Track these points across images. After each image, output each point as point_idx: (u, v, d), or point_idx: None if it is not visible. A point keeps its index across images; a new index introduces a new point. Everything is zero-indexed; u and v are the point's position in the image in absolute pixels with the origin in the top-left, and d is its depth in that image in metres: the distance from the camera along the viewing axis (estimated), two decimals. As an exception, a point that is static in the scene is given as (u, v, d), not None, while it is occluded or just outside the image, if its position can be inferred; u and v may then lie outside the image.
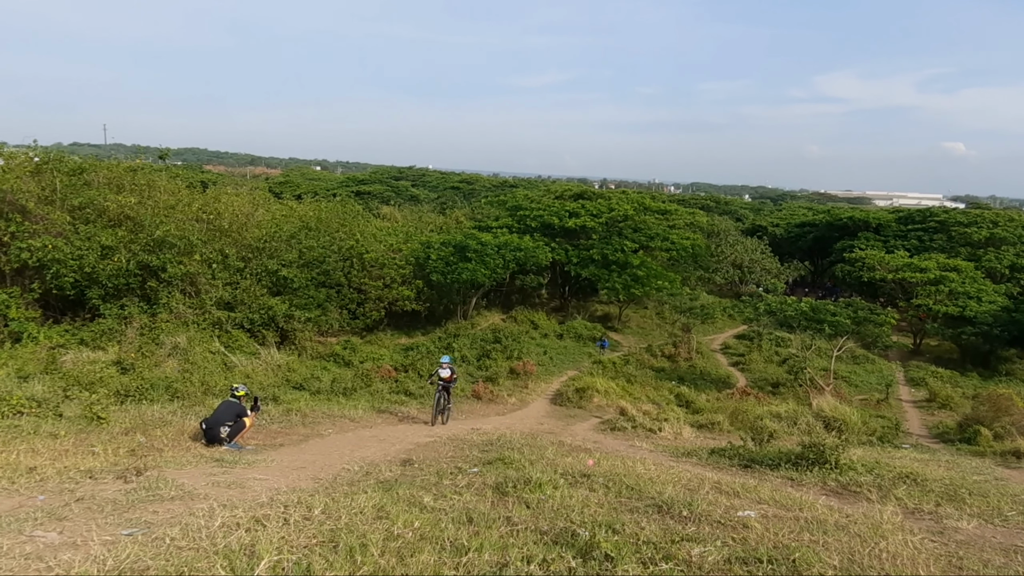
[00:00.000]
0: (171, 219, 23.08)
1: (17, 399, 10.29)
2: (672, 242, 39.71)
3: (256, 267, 25.45)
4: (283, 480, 6.85)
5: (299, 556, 3.37)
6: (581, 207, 39.48)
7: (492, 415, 19.42)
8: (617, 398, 22.64)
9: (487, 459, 8.27)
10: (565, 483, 6.29)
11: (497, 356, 27.65)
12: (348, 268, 28.65)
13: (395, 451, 9.95)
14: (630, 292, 36.40)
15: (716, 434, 16.71)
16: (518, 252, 33.10)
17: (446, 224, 43.39)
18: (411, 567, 3.23)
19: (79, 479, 5.96)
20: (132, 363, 17.24)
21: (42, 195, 21.33)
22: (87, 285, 21.28)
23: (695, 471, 8.59)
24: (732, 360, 34.67)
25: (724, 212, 74.84)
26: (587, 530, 4.12)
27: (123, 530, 4.23)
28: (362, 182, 79.67)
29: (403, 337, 31.22)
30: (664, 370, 30.12)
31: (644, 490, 6.27)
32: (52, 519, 4.48)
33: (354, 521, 4.32)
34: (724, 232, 56.50)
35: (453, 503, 5.26)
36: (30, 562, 3.35)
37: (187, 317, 22.08)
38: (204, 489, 5.93)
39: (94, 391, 11.98)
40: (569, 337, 34.39)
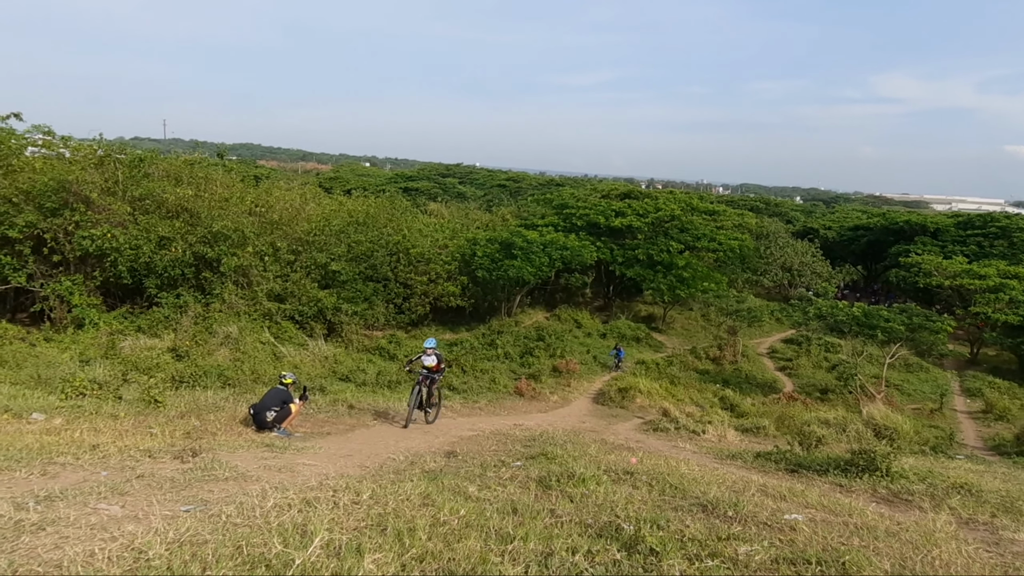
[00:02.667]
0: (226, 212, 23.78)
1: (80, 381, 10.77)
2: (719, 243, 39.08)
3: (306, 260, 26.04)
4: (331, 466, 7.03)
5: (349, 537, 3.47)
6: (627, 206, 39.18)
7: (534, 412, 19.47)
8: (660, 399, 22.44)
9: (530, 454, 8.33)
10: (608, 479, 6.29)
11: (540, 354, 27.71)
12: (395, 263, 29.07)
13: (439, 443, 10.09)
14: (675, 293, 35.99)
15: (761, 438, 16.41)
16: (563, 251, 33.07)
17: (492, 221, 43.57)
18: (458, 552, 3.29)
19: (139, 457, 6.23)
20: (187, 350, 17.84)
21: (105, 186, 22.21)
22: (144, 274, 22.10)
23: (740, 473, 8.48)
24: (779, 364, 33.94)
25: (774, 214, 73.18)
26: (631, 524, 4.13)
27: (182, 506, 4.42)
28: (410, 178, 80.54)
29: (447, 333, 31.51)
30: (708, 372, 29.71)
31: (688, 489, 6.23)
32: (115, 493, 4.70)
33: (401, 507, 4.41)
34: (773, 234, 55.30)
35: (497, 494, 5.32)
36: (95, 532, 3.52)
37: (239, 308, 22.75)
38: (256, 472, 6.13)
39: (151, 376, 12.42)
40: (612, 337, 34.18)
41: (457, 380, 21.56)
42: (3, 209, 20.17)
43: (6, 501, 3.94)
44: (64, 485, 4.72)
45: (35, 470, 5.08)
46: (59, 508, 3.95)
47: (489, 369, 24.20)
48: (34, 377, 11.54)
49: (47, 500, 4.16)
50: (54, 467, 5.29)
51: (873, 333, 29.18)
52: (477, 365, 24.40)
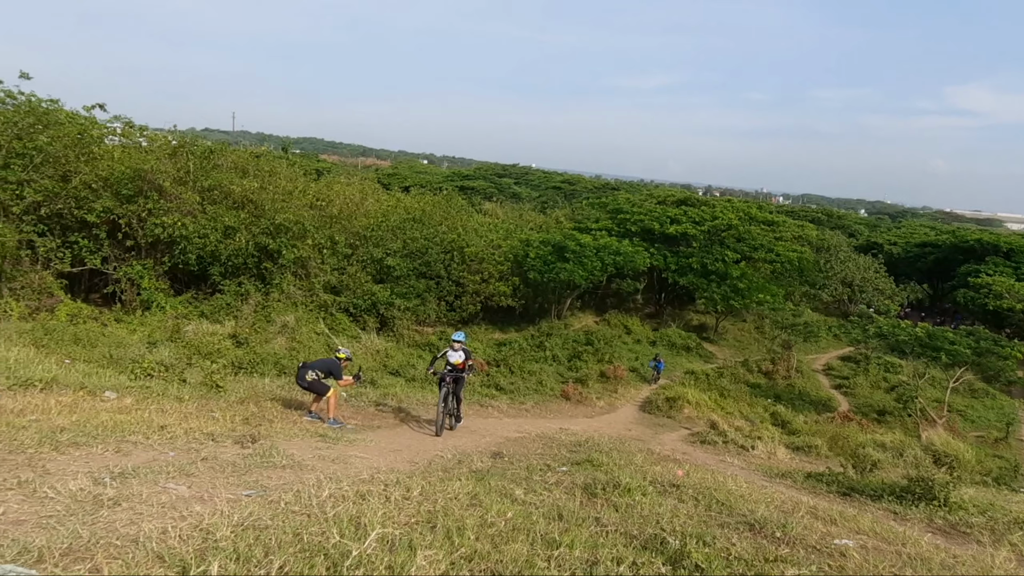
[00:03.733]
0: (289, 205, 24.49)
1: (148, 363, 11.31)
2: (777, 255, 38.19)
3: (362, 254, 26.61)
4: (381, 460, 7.22)
5: (401, 532, 3.59)
6: (683, 213, 38.68)
7: (580, 417, 19.45)
8: (709, 411, 22.11)
9: (576, 459, 8.36)
10: (654, 491, 6.29)
11: (588, 358, 27.62)
12: (449, 261, 29.42)
13: (485, 443, 10.21)
14: (729, 304, 35.34)
15: (813, 458, 16.02)
16: (616, 256, 32.88)
17: (546, 223, 43.62)
18: (505, 554, 3.37)
19: (203, 440, 6.53)
20: (246, 338, 18.47)
21: (177, 176, 23.11)
22: (210, 262, 22.95)
23: (789, 493, 8.33)
24: (835, 383, 32.99)
25: (836, 226, 71.03)
26: (677, 539, 4.14)
27: (243, 491, 4.64)
28: (466, 177, 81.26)
29: (497, 332, 31.70)
30: (760, 386, 29.08)
31: (735, 506, 6.17)
32: (182, 474, 4.95)
33: (450, 505, 4.52)
34: (835, 247, 53.66)
35: (543, 498, 5.39)
36: (166, 510, 3.73)
37: (297, 298, 23.42)
38: (311, 461, 6.35)
39: (213, 361, 12.92)
40: (662, 345, 33.80)
41: (504, 380, 21.71)
42: (83, 194, 21.23)
43: (85, 475, 4.21)
44: (136, 463, 5.00)
45: (110, 447, 5.39)
46: (132, 485, 4.20)
47: (537, 371, 24.25)
48: (106, 356, 12.15)
49: (121, 477, 4.42)
50: (126, 445, 5.60)
51: (937, 355, 27.96)
52: (525, 366, 24.49)
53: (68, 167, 21.60)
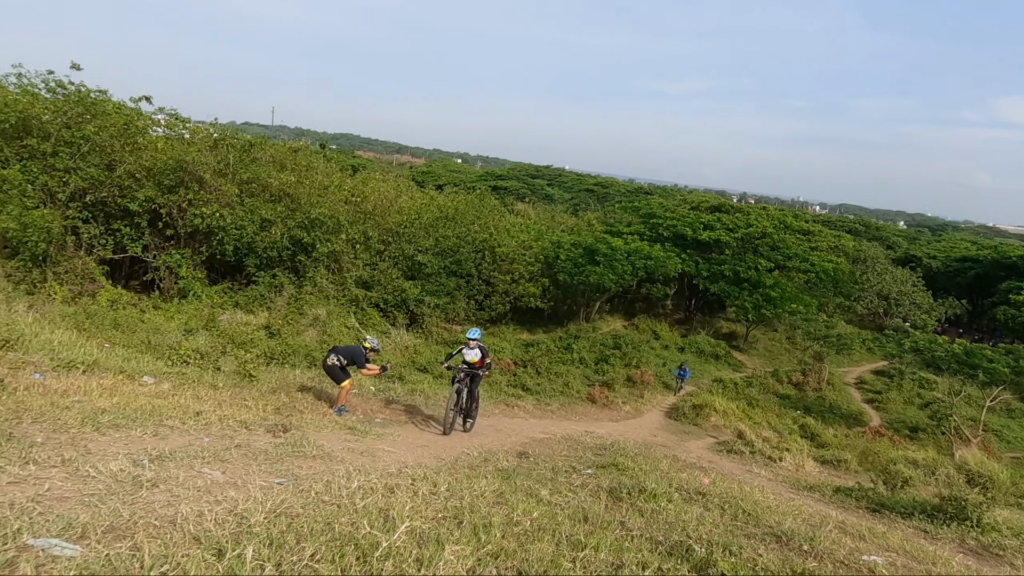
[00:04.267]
0: (324, 200, 24.83)
1: (184, 350, 11.57)
2: (812, 264, 37.55)
3: (395, 251, 26.86)
4: (408, 455, 7.30)
5: (428, 526, 3.63)
6: (717, 220, 38.29)
7: (605, 420, 19.39)
8: (736, 420, 21.87)
9: (601, 463, 8.35)
10: (680, 498, 6.25)
11: (615, 362, 27.50)
12: (479, 260, 29.54)
13: (511, 442, 10.25)
14: (760, 312, 34.85)
15: (842, 472, 15.74)
16: (647, 260, 32.68)
17: (577, 225, 43.55)
18: (531, 553, 3.39)
19: (236, 428, 6.67)
20: (279, 329, 18.77)
21: (217, 168, 23.58)
22: (246, 253, 23.38)
23: (817, 507, 8.21)
24: (867, 396, 32.34)
25: (874, 238, 69.64)
26: (703, 547, 4.12)
27: (276, 478, 4.73)
28: (500, 177, 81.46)
29: (525, 333, 31.74)
30: (789, 397, 28.65)
31: (762, 517, 6.11)
32: (216, 460, 5.07)
33: (476, 502, 4.56)
34: (872, 259, 52.64)
35: (568, 500, 5.39)
36: (202, 494, 3.83)
37: (329, 292, 23.74)
38: (340, 453, 6.45)
39: (247, 350, 13.16)
40: (691, 351, 33.50)
41: (531, 381, 21.72)
42: (127, 183, 21.78)
43: (125, 457, 4.34)
44: (173, 447, 5.14)
45: (148, 430, 5.54)
46: (170, 468, 4.31)
47: (563, 373, 24.22)
48: (145, 342, 12.46)
49: (159, 459, 4.55)
50: (164, 429, 5.75)
51: (974, 373, 27.30)
52: (552, 368, 24.47)
53: (113, 156, 22.18)
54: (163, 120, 25.76)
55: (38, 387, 6.01)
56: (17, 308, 12.72)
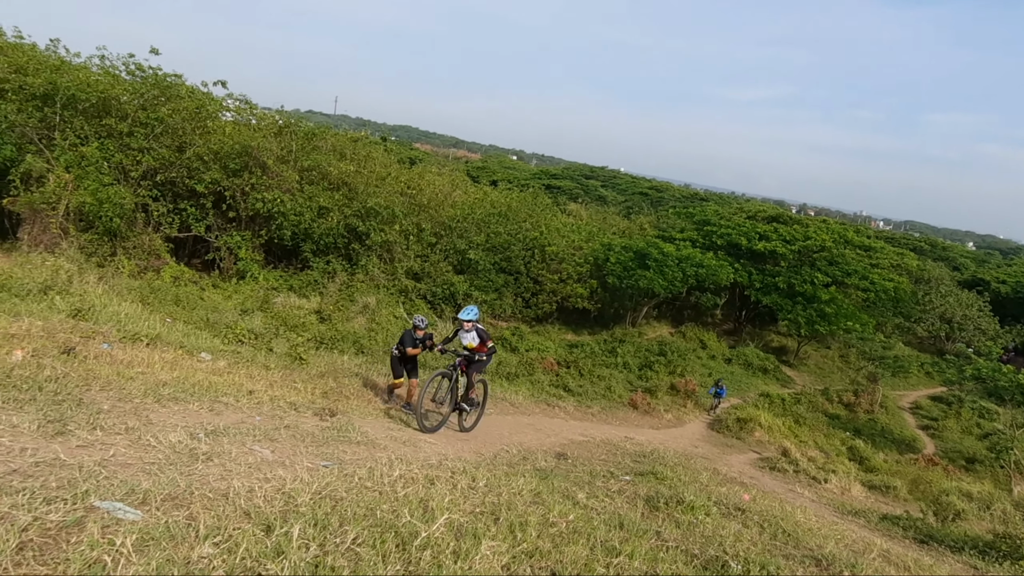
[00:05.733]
0: (381, 190, 25.28)
1: (240, 329, 11.97)
2: (871, 282, 36.34)
3: (446, 244, 27.14)
4: (449, 447, 7.41)
5: (466, 520, 3.71)
6: (774, 230, 37.42)
7: (646, 427, 19.23)
8: (781, 437, 21.40)
9: (639, 470, 8.31)
10: (718, 512, 6.19)
11: (660, 369, 27.24)
12: (529, 258, 29.61)
13: (550, 443, 10.29)
14: (813, 328, 33.92)
15: (890, 499, 15.26)
16: (699, 268, 32.21)
17: (629, 229, 43.18)
18: (565, 555, 3.43)
19: (286, 409, 6.90)
20: (330, 314, 19.21)
21: (280, 154, 24.25)
22: (302, 239, 23.98)
23: (861, 533, 8.00)
24: (921, 423, 31.22)
25: (939, 258, 66.99)
26: (739, 564, 4.08)
27: (321, 461, 4.88)
28: (553, 176, 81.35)
29: (570, 333, 31.68)
30: (839, 418, 27.86)
31: (802, 539, 6.00)
32: (266, 439, 5.26)
33: (513, 500, 4.61)
34: (936, 280, 50.66)
35: (605, 505, 5.41)
36: (252, 471, 3.99)
37: (379, 281, 24.16)
38: (383, 441, 6.60)
39: (298, 333, 13.51)
40: (738, 363, 32.89)
41: (574, 382, 21.69)
42: (195, 165, 22.59)
43: (183, 430, 4.55)
44: (227, 423, 5.35)
45: (204, 405, 5.79)
46: (223, 443, 4.50)
47: (606, 376, 24.10)
48: (203, 320, 12.93)
49: (213, 434, 4.75)
50: (219, 405, 6.00)
51: (1040, 406, 26.01)
52: (595, 370, 24.38)
53: (184, 139, 23.02)
54: (232, 105, 26.62)
55: (105, 356, 6.33)
56: (88, 279, 13.33)
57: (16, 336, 5.80)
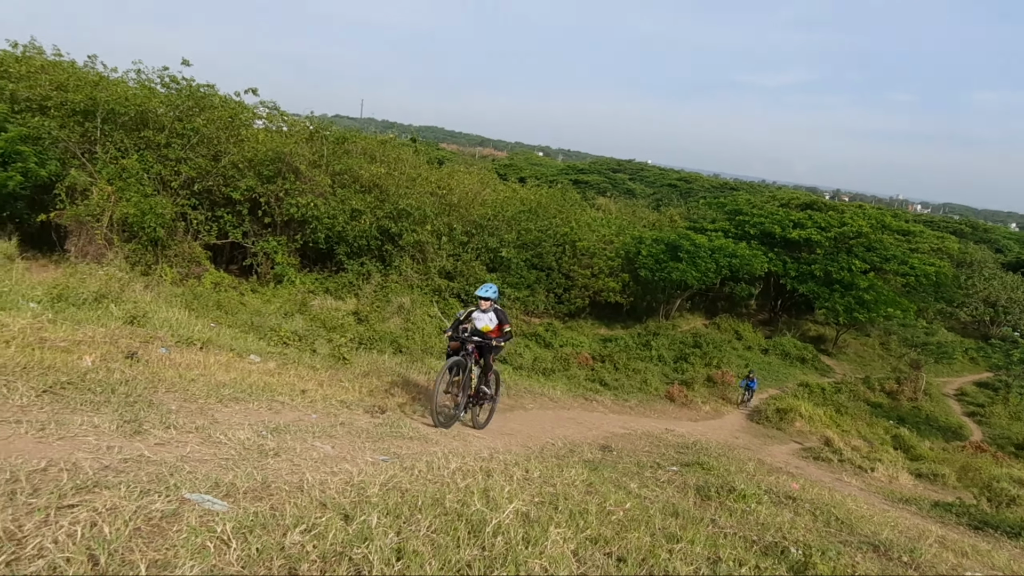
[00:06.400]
0: (412, 191, 25.54)
1: (284, 332, 12.23)
2: (911, 267, 35.58)
3: (477, 243, 27.30)
4: (496, 441, 7.51)
5: (528, 509, 3.79)
6: (808, 218, 36.87)
7: (684, 420, 19.14)
8: (823, 426, 21.13)
9: (684, 460, 8.31)
10: (769, 500, 6.19)
11: (695, 361, 27.09)
12: (560, 254, 29.64)
13: (592, 435, 10.33)
14: (852, 316, 33.36)
15: (939, 487, 14.99)
16: (732, 258, 31.89)
17: (659, 221, 42.93)
18: (628, 541, 3.49)
19: (338, 407, 7.06)
20: (367, 315, 19.48)
21: (312, 159, 24.65)
22: (336, 242, 24.34)
23: (914, 520, 7.90)
24: (967, 409, 30.54)
25: (982, 240, 65.29)
26: (799, 549, 4.10)
27: (380, 456, 5.01)
28: (581, 171, 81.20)
29: (603, 328, 31.63)
30: (882, 406, 27.41)
31: (856, 526, 5.96)
32: (325, 435, 5.41)
33: (568, 490, 4.68)
34: (979, 263, 49.44)
35: (657, 494, 5.45)
36: (319, 465, 4.12)
37: (413, 281, 24.41)
38: (434, 436, 6.72)
39: (340, 334, 13.75)
40: (775, 354, 32.54)
41: (609, 376, 21.70)
42: (231, 173, 23.07)
43: (248, 428, 4.71)
44: (286, 421, 5.52)
45: (263, 405, 5.96)
46: (287, 440, 4.65)
47: (641, 369, 24.04)
48: (247, 323, 13.23)
49: (276, 432, 4.91)
50: (276, 404, 6.17)
51: (1092, 390, 25.31)
52: (630, 364, 24.33)
53: (219, 147, 23.52)
54: (263, 113, 27.09)
55: (165, 360, 6.56)
56: (135, 288, 13.73)
57: (82, 342, 6.05)
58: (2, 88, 20.93)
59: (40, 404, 4.07)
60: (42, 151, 20.27)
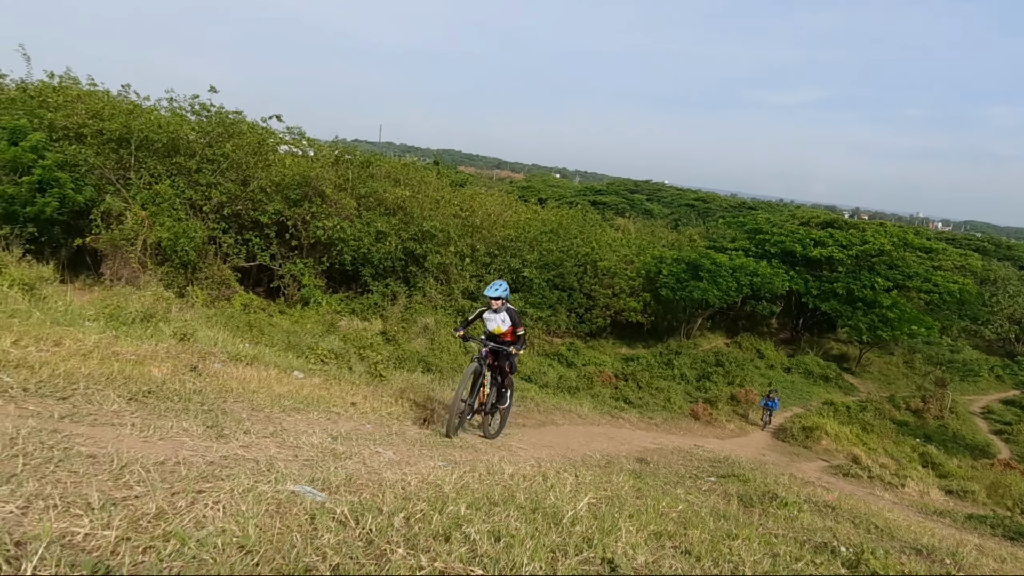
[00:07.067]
0: (436, 213, 25.95)
1: (321, 350, 12.53)
2: (934, 284, 35.34)
3: (500, 263, 27.60)
4: (539, 453, 7.70)
5: (597, 503, 3.99)
6: (829, 236, 36.83)
7: (710, 437, 19.15)
8: (849, 444, 21.04)
9: (720, 473, 8.45)
10: (809, 509, 6.32)
11: (718, 379, 27.07)
12: (581, 274, 29.86)
13: (626, 449, 10.48)
14: (876, 334, 33.15)
15: (969, 503, 14.86)
16: (753, 277, 31.93)
17: (679, 241, 43.06)
18: (690, 537, 3.68)
19: (388, 418, 7.31)
20: (395, 335, 19.78)
21: (338, 183, 25.16)
22: (362, 263, 24.75)
23: (950, 531, 7.98)
24: (995, 427, 30.15)
25: (1005, 257, 64.63)
26: (849, 548, 4.26)
27: (438, 461, 5.24)
28: (599, 192, 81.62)
29: (624, 347, 31.71)
30: (908, 425, 27.17)
31: (896, 534, 6.09)
32: (383, 443, 5.65)
33: (621, 493, 4.88)
34: (1003, 280, 48.94)
35: (703, 501, 5.62)
36: (389, 467, 4.36)
37: (437, 301, 24.72)
38: (481, 445, 6.95)
39: (377, 352, 14.04)
40: (797, 372, 32.38)
41: (633, 395, 21.82)
42: (259, 197, 23.63)
43: (317, 435, 4.97)
44: (345, 429, 5.77)
45: (321, 415, 6.23)
46: (352, 446, 4.90)
47: (664, 388, 24.11)
48: (284, 342, 13.56)
49: (341, 438, 5.16)
50: (332, 415, 6.44)
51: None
52: (653, 382, 24.42)
53: (247, 172, 24.11)
54: (289, 139, 27.73)
55: (223, 374, 6.85)
56: (170, 309, 14.13)
57: (148, 356, 6.36)
58: (41, 117, 21.64)
59: (131, 410, 4.36)
60: (79, 177, 20.93)
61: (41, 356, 5.14)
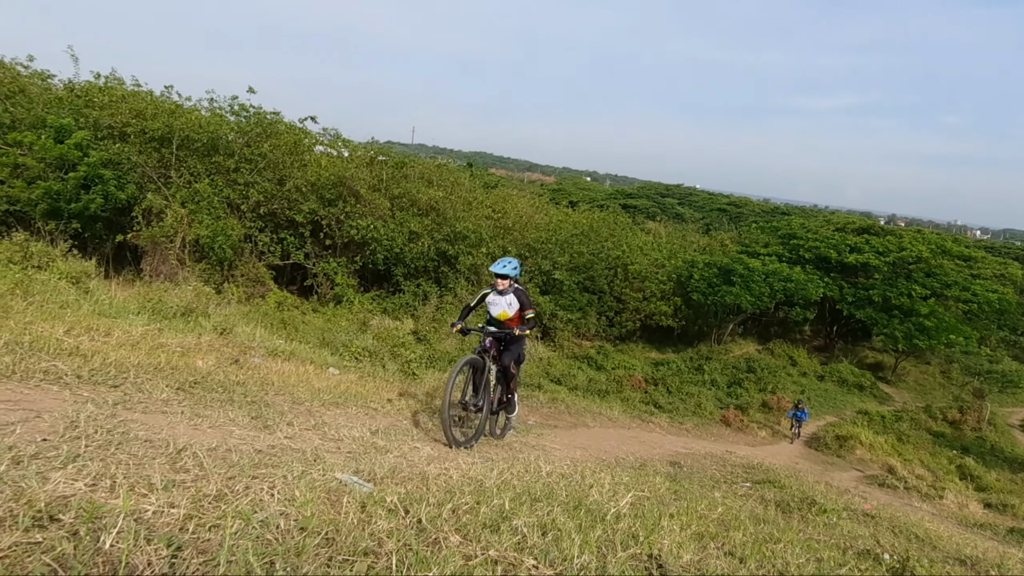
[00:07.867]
0: (468, 215, 26.07)
1: (355, 347, 12.68)
2: (974, 293, 34.43)
3: (531, 265, 27.62)
4: (574, 453, 7.70)
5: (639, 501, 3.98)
6: (865, 242, 36.15)
7: (741, 444, 18.94)
8: (884, 455, 20.64)
9: (754, 479, 8.36)
10: (848, 516, 6.23)
11: (750, 386, 26.75)
12: (612, 277, 29.74)
13: (658, 454, 10.42)
14: (912, 343, 32.40)
15: (1009, 517, 14.48)
16: (787, 283, 31.48)
17: (710, 245, 42.63)
18: (732, 538, 3.66)
19: (423, 415, 7.37)
20: (426, 335, 19.91)
21: (372, 183, 25.39)
22: (394, 263, 24.95)
23: (991, 544, 7.78)
24: (1036, 441, 29.29)
25: (1047, 267, 62.72)
26: (893, 556, 4.19)
27: (476, 458, 5.27)
28: (629, 195, 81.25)
29: (654, 351, 31.50)
30: (944, 436, 26.52)
31: (938, 544, 5.97)
32: (421, 439, 5.70)
33: (660, 494, 4.86)
34: (1045, 290, 47.47)
35: (740, 505, 5.57)
36: (429, 461, 4.40)
37: (468, 302, 24.81)
38: (516, 445, 6.97)
39: (411, 350, 14.16)
40: (831, 380, 31.83)
41: (663, 399, 21.64)
42: (294, 197, 23.96)
43: (357, 428, 5.04)
44: (383, 425, 5.85)
45: (359, 410, 6.32)
46: (391, 440, 4.96)
47: (695, 393, 23.89)
48: (319, 339, 13.75)
49: (379, 433, 5.23)
50: (370, 410, 6.52)
51: None
52: (683, 388, 24.22)
53: (284, 172, 24.46)
54: (325, 139, 28.10)
55: (262, 367, 6.98)
56: (209, 304, 14.41)
57: (191, 348, 6.51)
58: (87, 116, 22.23)
59: (179, 399, 4.47)
60: (121, 175, 21.44)
61: (92, 345, 5.30)
